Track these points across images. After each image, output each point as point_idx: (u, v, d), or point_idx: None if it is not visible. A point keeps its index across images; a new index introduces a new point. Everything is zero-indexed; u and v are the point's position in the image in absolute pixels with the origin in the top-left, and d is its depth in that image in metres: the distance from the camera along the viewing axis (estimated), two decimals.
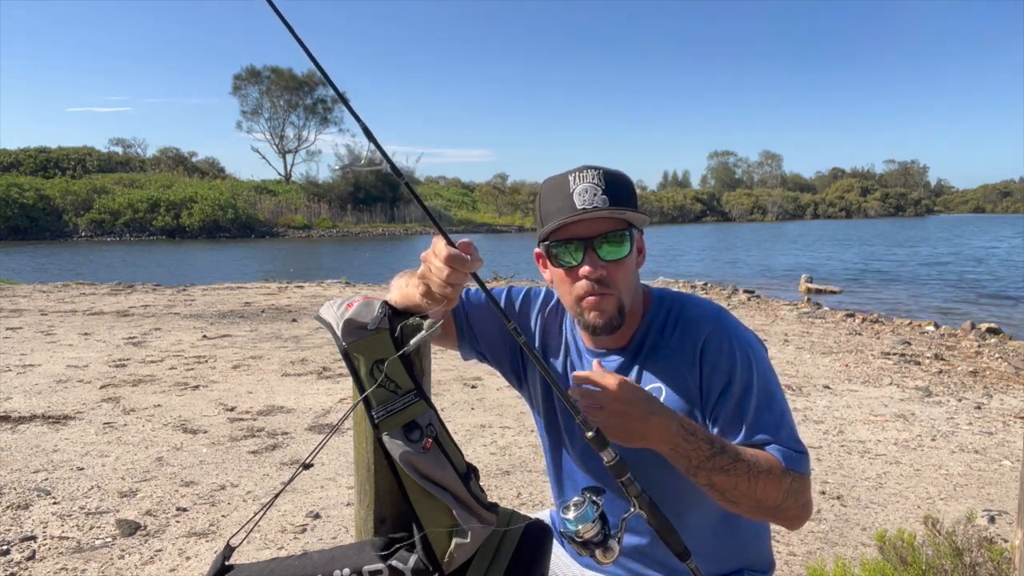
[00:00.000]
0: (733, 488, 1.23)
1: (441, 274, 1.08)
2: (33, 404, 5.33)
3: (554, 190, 1.36)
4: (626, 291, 1.36)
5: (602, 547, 1.16)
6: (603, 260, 1.33)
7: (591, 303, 1.35)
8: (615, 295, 1.35)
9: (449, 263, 1.07)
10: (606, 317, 1.35)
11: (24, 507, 3.52)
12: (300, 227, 46.56)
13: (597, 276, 1.33)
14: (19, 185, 41.47)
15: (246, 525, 1.25)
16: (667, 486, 1.40)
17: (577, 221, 1.31)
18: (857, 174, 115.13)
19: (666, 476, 1.36)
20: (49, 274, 19.59)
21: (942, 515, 3.23)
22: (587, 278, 1.33)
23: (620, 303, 1.36)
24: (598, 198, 1.31)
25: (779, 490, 1.26)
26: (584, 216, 1.30)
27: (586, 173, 1.33)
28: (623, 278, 1.35)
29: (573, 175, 1.34)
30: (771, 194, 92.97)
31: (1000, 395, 6.03)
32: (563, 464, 1.57)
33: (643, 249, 1.45)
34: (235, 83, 60.33)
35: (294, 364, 6.88)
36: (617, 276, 1.34)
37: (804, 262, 24.92)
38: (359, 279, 15.74)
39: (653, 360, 1.42)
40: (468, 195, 66.27)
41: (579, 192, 1.32)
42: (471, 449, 4.46)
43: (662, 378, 1.40)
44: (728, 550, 1.48)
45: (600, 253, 1.33)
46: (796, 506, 1.29)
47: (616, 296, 1.35)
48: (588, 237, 1.32)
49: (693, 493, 1.41)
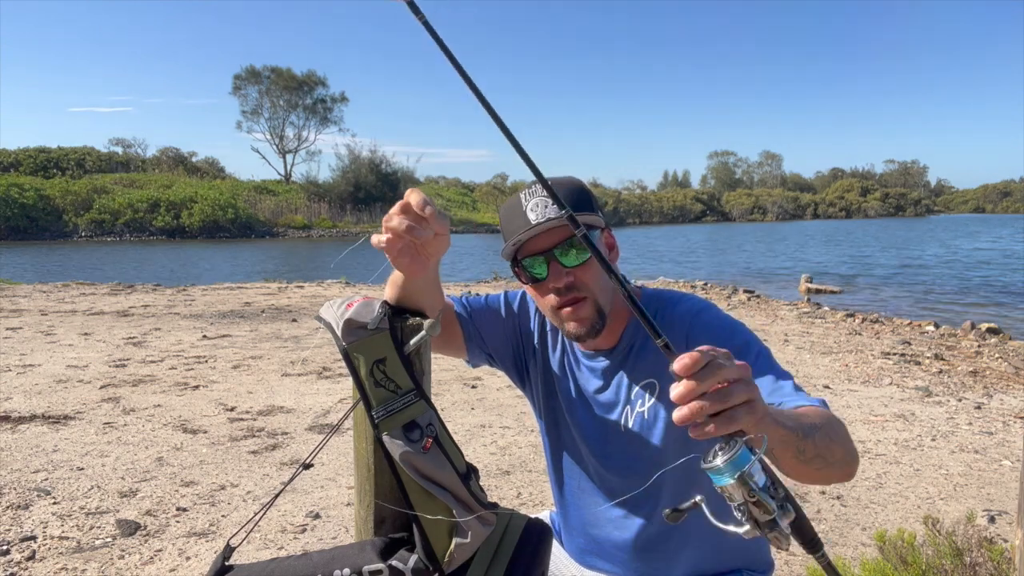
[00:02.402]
0: (829, 452, 1.09)
1: (400, 226, 1.08)
2: (33, 404, 5.33)
3: (510, 211, 1.40)
4: (600, 291, 1.38)
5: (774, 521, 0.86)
6: (567, 267, 1.35)
7: (568, 314, 1.37)
8: (589, 297, 1.36)
9: (402, 210, 1.08)
10: (586, 324, 1.37)
11: (24, 507, 3.52)
12: (300, 227, 46.56)
13: (564, 284, 1.35)
14: (19, 185, 41.46)
15: (246, 525, 1.25)
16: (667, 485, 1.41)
17: (533, 236, 1.35)
18: (857, 174, 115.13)
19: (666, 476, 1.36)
20: (49, 274, 19.59)
21: (942, 515, 3.23)
22: (555, 287, 1.36)
23: (597, 305, 1.37)
24: (550, 209, 1.33)
25: (846, 434, 1.15)
26: (538, 230, 1.33)
27: (536, 188, 1.36)
28: (592, 280, 1.36)
29: (525, 193, 1.39)
30: (771, 194, 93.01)
31: (1000, 395, 6.03)
32: (564, 464, 1.57)
33: (614, 245, 1.47)
34: (235, 83, 60.37)
35: (294, 364, 6.88)
36: (585, 279, 1.36)
37: (804, 262, 24.94)
38: (359, 279, 15.74)
39: (644, 357, 1.42)
40: (468, 195, 66.31)
41: (531, 208, 1.35)
42: (471, 449, 4.46)
43: (654, 372, 1.41)
44: (728, 549, 1.48)
45: (563, 261, 1.35)
46: (854, 447, 1.19)
47: (590, 298, 1.37)
48: (547, 249, 1.35)
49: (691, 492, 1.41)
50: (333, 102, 62.64)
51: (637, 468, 1.42)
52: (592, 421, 1.49)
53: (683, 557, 1.46)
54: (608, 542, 1.50)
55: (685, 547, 1.45)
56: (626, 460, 1.45)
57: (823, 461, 1.07)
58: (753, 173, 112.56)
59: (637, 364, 1.43)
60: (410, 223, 1.08)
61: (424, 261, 1.15)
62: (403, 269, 1.17)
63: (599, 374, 1.48)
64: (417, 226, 1.08)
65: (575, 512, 1.56)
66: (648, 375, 1.41)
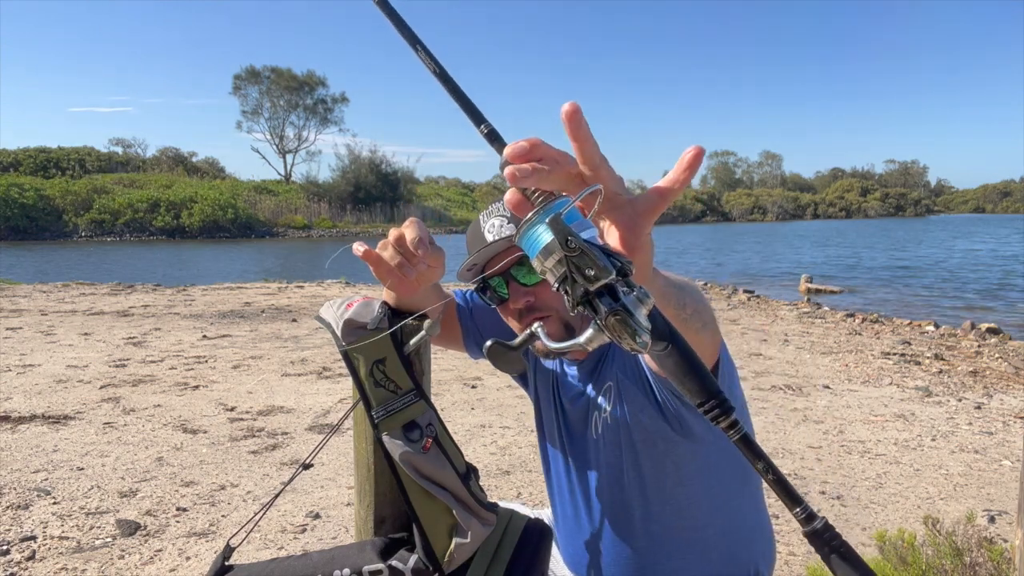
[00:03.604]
0: (704, 311, 1.03)
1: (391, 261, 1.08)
2: (33, 404, 5.33)
3: (471, 234, 1.39)
4: (563, 307, 1.33)
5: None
6: (525, 286, 1.32)
7: None
8: (552, 315, 1.32)
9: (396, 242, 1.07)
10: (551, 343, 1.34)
11: (24, 507, 3.52)
12: (300, 227, 46.54)
13: (524, 304, 1.32)
14: (19, 185, 41.44)
15: (246, 525, 1.25)
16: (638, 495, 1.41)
17: (491, 258, 1.32)
18: (857, 174, 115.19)
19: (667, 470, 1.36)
20: (49, 274, 19.58)
21: (942, 515, 3.22)
22: (516, 308, 1.33)
23: (562, 320, 1.33)
24: (505, 228, 1.32)
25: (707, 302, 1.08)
26: (492, 251, 1.31)
27: (492, 209, 1.36)
28: (553, 297, 1.32)
29: (484, 214, 1.37)
30: (771, 194, 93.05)
31: (1000, 395, 6.03)
32: (552, 472, 1.57)
33: None
34: (235, 83, 60.36)
35: (294, 364, 6.88)
36: (546, 296, 1.32)
37: (804, 262, 24.93)
38: (359, 279, 15.73)
39: (610, 362, 1.40)
40: (468, 195, 66.29)
41: (488, 229, 1.34)
42: (471, 449, 4.46)
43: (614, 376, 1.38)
44: (715, 560, 1.46)
45: (521, 280, 1.32)
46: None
47: (554, 315, 1.32)
48: (505, 270, 1.33)
49: (692, 493, 1.41)
50: (333, 102, 62.71)
51: (607, 474, 1.42)
52: (569, 429, 1.49)
53: (668, 568, 1.43)
54: (594, 551, 1.49)
55: (669, 558, 1.43)
56: (597, 467, 1.44)
57: (700, 321, 0.99)
58: (753, 173, 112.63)
59: (603, 371, 1.41)
60: (401, 260, 1.07)
61: (412, 287, 1.14)
62: (392, 289, 1.17)
63: (576, 382, 1.47)
64: (407, 263, 1.07)
65: (563, 519, 1.56)
66: (609, 379, 1.39)
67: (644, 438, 1.35)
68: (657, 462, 1.36)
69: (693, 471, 1.38)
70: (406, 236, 1.07)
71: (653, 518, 1.41)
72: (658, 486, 1.38)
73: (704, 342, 1.04)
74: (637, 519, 1.41)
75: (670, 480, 1.38)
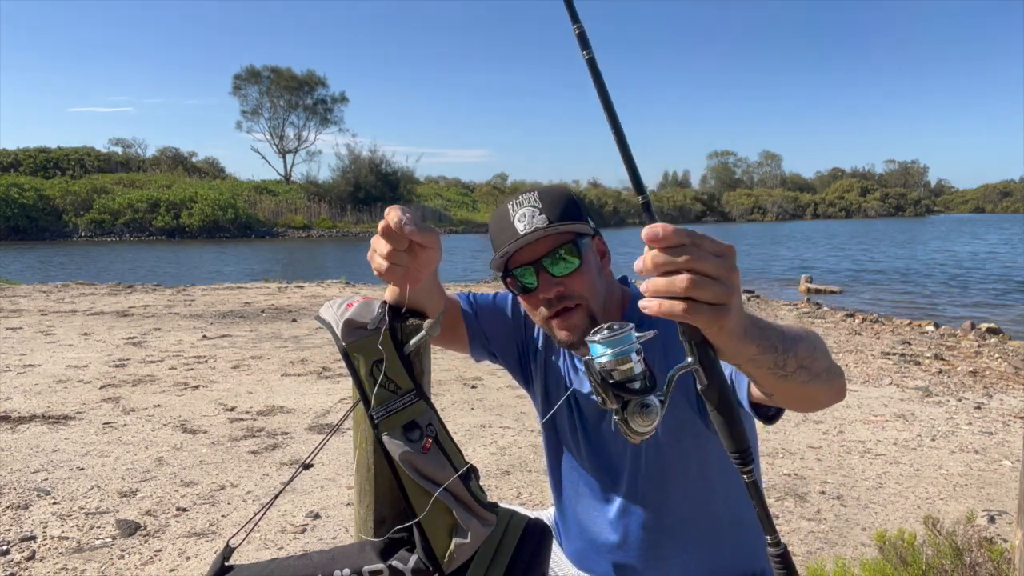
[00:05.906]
0: (813, 362, 0.99)
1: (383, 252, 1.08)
2: (33, 404, 5.33)
3: (499, 222, 1.39)
4: (592, 297, 1.36)
5: (640, 400, 0.77)
6: (556, 277, 1.34)
7: (558, 323, 1.36)
8: (582, 305, 1.35)
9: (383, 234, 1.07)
10: (577, 333, 1.35)
11: (24, 507, 3.52)
12: (300, 227, 46.53)
13: (555, 294, 1.34)
14: (19, 185, 41.43)
15: (246, 525, 1.25)
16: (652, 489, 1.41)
17: (522, 247, 1.34)
18: (857, 174, 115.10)
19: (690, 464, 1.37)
20: (49, 274, 19.59)
21: (942, 515, 3.23)
22: (546, 298, 1.35)
23: (589, 312, 1.36)
24: (537, 219, 1.33)
25: (827, 348, 1.07)
26: (525, 241, 1.32)
27: (522, 199, 1.36)
28: (583, 287, 1.35)
29: (512, 203, 1.38)
30: (771, 194, 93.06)
31: (1000, 395, 6.03)
32: (562, 468, 1.57)
33: (605, 251, 1.45)
34: (235, 83, 60.40)
35: (294, 364, 6.88)
36: (576, 287, 1.34)
37: (804, 261, 24.93)
38: (359, 279, 15.74)
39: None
40: (468, 195, 66.27)
41: (519, 218, 1.34)
42: (471, 449, 4.46)
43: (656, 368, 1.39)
44: (722, 556, 1.47)
45: (552, 271, 1.34)
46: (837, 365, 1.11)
47: (583, 306, 1.35)
48: (536, 259, 1.34)
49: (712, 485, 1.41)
50: (333, 102, 62.74)
51: (623, 467, 1.43)
52: (585, 425, 1.49)
53: (677, 563, 1.45)
54: (604, 546, 1.49)
55: (679, 552, 1.44)
56: (613, 460, 1.45)
57: (808, 373, 0.97)
58: (753, 173, 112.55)
59: None
60: (391, 247, 1.07)
61: (415, 275, 1.14)
62: (398, 285, 1.17)
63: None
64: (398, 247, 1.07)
65: (572, 515, 1.56)
66: None
67: (669, 433, 1.36)
68: (680, 456, 1.39)
69: (715, 464, 1.40)
70: (390, 222, 1.06)
71: (668, 511, 1.42)
72: (678, 480, 1.39)
73: (811, 393, 1.02)
74: (651, 512, 1.42)
75: (692, 473, 1.40)
